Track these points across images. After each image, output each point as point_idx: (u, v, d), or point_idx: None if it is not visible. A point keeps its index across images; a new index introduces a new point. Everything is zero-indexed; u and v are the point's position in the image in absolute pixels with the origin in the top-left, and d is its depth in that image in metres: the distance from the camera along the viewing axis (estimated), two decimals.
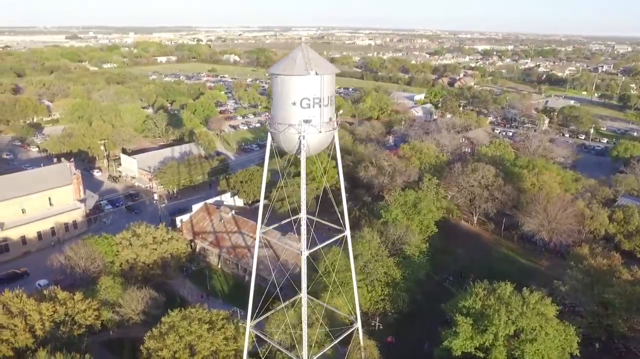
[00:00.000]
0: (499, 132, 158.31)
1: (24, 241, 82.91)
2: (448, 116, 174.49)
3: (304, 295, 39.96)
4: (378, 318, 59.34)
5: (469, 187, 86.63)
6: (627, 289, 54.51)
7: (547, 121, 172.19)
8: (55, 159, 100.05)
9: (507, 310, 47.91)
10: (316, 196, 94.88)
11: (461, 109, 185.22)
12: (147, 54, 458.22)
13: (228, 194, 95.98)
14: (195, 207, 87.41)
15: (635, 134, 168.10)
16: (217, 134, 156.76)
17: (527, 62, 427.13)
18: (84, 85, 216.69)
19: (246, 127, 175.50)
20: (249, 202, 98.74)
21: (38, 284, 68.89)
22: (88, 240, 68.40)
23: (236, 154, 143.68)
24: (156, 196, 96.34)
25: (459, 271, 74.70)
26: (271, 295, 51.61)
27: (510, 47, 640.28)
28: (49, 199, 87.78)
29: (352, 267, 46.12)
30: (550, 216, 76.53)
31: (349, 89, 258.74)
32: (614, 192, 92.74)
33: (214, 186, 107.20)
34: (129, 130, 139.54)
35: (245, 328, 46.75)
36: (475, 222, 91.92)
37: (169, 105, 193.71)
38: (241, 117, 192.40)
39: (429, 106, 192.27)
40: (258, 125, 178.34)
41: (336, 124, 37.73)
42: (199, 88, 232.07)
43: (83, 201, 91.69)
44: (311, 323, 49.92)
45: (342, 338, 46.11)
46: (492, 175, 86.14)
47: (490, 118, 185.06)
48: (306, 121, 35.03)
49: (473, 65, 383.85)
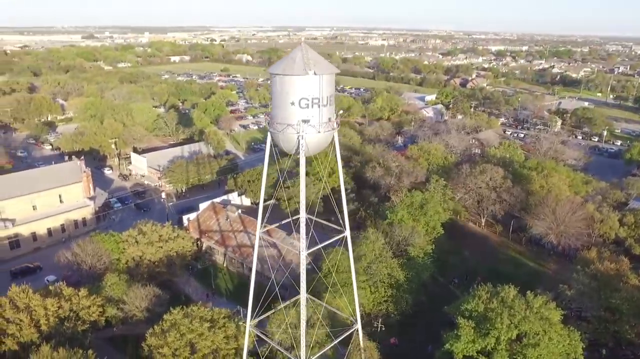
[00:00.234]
0: (510, 134, 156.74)
1: (34, 237, 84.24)
2: (459, 116, 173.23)
3: (302, 295, 39.94)
4: (380, 319, 59.07)
5: (476, 188, 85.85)
6: (634, 295, 53.64)
7: (559, 122, 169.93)
8: (67, 157, 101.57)
9: (509, 314, 47.38)
10: (322, 196, 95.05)
11: (472, 110, 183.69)
12: (160, 53, 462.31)
13: (235, 194, 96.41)
14: (202, 206, 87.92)
15: None
16: (227, 133, 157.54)
17: (541, 63, 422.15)
18: (97, 84, 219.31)
19: (256, 127, 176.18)
20: (256, 201, 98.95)
21: (46, 279, 69.93)
22: (95, 237, 69.20)
23: (245, 154, 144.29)
24: (164, 195, 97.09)
25: (464, 273, 74.07)
26: (275, 295, 51.69)
27: (524, 47, 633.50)
28: (60, 196, 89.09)
29: (352, 268, 45.99)
30: (558, 219, 75.50)
31: (360, 89, 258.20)
32: (625, 195, 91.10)
33: (223, 185, 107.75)
34: (139, 129, 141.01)
35: (246, 327, 46.94)
36: (483, 224, 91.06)
37: (180, 104, 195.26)
38: (251, 117, 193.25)
39: (439, 106, 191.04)
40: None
41: (336, 125, 37.64)
42: (210, 87, 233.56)
43: (92, 198, 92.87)
44: (312, 323, 50.00)
45: (341, 338, 45.98)
46: (500, 177, 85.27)
47: (501, 119, 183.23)
48: (305, 121, 35.00)
49: (486, 66, 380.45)
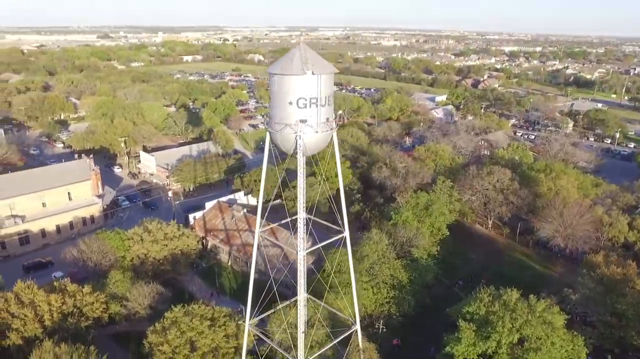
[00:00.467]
0: (521, 135, 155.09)
1: (43, 233, 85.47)
2: (469, 117, 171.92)
3: (300, 295, 39.93)
4: (382, 321, 58.82)
5: (483, 190, 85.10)
6: None
7: (571, 124, 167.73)
8: (76, 155, 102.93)
9: (511, 317, 46.84)
10: (329, 197, 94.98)
11: (482, 111, 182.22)
12: (173, 53, 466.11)
13: (242, 193, 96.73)
14: (209, 204, 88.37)
15: None
16: (236, 132, 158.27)
17: (555, 64, 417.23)
18: (110, 83, 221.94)
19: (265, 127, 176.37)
20: (263, 201, 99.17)
21: (54, 275, 70.82)
22: (101, 234, 69.97)
23: (254, 153, 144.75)
24: (170, 193, 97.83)
25: (469, 275, 73.50)
26: (278, 294, 51.70)
27: (538, 48, 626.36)
28: (69, 193, 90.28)
29: (352, 268, 45.86)
30: (566, 222, 74.51)
31: (371, 90, 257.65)
32: (636, 198, 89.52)
33: (230, 184, 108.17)
34: (149, 127, 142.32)
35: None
36: (490, 226, 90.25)
37: (191, 103, 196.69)
38: (261, 117, 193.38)
39: (450, 107, 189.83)
40: None
41: (334, 125, 37.58)
42: (221, 87, 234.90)
43: (101, 196, 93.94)
44: (312, 324, 49.97)
45: (339, 339, 45.89)
46: (507, 178, 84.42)
47: (512, 121, 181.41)
48: (302, 121, 34.99)
49: (498, 66, 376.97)
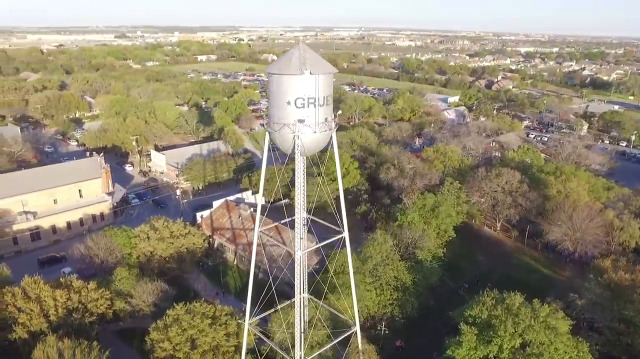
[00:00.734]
0: (534, 137, 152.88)
1: (54, 229, 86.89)
2: (482, 119, 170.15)
3: (297, 295, 39.93)
4: (384, 322, 58.54)
5: (491, 192, 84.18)
6: None
7: (585, 126, 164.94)
8: (88, 153, 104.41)
9: (514, 322, 46.27)
10: (336, 197, 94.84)
11: (495, 112, 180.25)
12: (188, 52, 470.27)
13: (249, 192, 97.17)
14: (216, 203, 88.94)
15: None
16: (247, 132, 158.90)
17: (571, 65, 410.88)
18: (124, 82, 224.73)
19: None
20: (270, 200, 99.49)
21: (62, 271, 71.97)
22: (108, 232, 70.85)
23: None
24: (178, 192, 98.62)
25: (475, 278, 72.76)
26: (281, 293, 51.84)
27: (555, 49, 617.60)
28: (79, 191, 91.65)
29: (351, 269, 45.75)
30: (575, 225, 73.30)
31: (384, 90, 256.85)
32: None
33: (240, 183, 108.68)
34: (161, 126, 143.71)
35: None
36: (498, 228, 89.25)
37: (203, 103, 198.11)
38: None
39: (462, 108, 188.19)
40: None
41: (334, 125, 37.53)
42: (234, 87, 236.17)
43: (111, 194, 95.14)
44: (314, 324, 49.97)
45: (338, 340, 45.79)
46: (516, 181, 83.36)
47: (526, 122, 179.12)
48: (300, 121, 35.02)
49: (513, 67, 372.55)
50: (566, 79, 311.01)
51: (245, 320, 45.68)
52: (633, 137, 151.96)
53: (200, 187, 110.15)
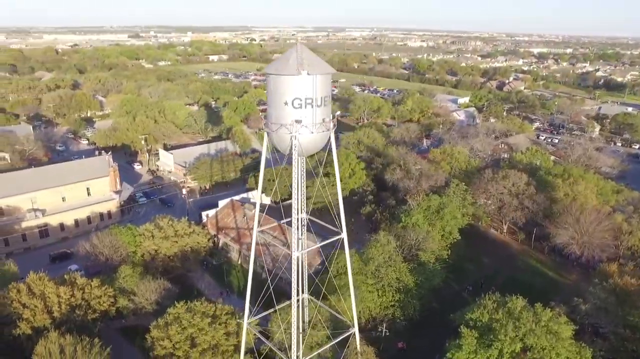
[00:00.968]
0: (544, 139, 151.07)
1: (62, 227, 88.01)
2: (492, 120, 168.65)
3: (294, 296, 39.91)
4: (385, 324, 58.28)
5: (497, 194, 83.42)
6: None
7: (597, 128, 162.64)
8: (97, 152, 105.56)
9: (515, 326, 45.70)
10: (342, 197, 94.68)
11: (505, 113, 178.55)
12: (200, 52, 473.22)
13: (255, 192, 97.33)
14: (222, 203, 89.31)
15: None
16: (255, 132, 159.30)
17: (585, 66, 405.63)
18: (136, 82, 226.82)
19: None
20: (275, 200, 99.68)
21: (69, 268, 72.85)
22: (113, 230, 71.52)
23: (272, 152, 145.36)
24: (184, 191, 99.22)
25: (479, 280, 72.17)
26: (283, 293, 51.82)
27: (569, 50, 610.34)
28: (87, 189, 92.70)
29: (349, 270, 45.62)
30: (582, 229, 72.34)
31: (394, 91, 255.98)
32: None
33: (247, 183, 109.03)
34: (170, 126, 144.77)
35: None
36: (505, 231, 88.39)
37: (213, 102, 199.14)
38: None
39: (472, 109, 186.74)
40: None
41: (332, 125, 37.48)
42: (244, 86, 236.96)
43: (118, 192, 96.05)
44: (314, 325, 49.98)
45: (335, 341, 45.70)
46: (523, 183, 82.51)
47: (536, 124, 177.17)
48: (297, 121, 35.02)
49: (525, 68, 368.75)
50: (579, 80, 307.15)
51: (244, 320, 45.77)
52: None
53: (207, 187, 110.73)
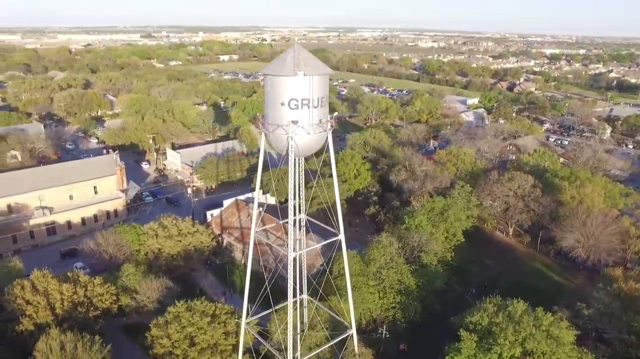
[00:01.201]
0: (554, 141, 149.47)
1: (69, 225, 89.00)
2: (501, 121, 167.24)
3: (289, 297, 39.91)
4: (385, 326, 58.04)
5: (503, 196, 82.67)
6: None
7: (609, 130, 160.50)
8: (105, 151, 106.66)
9: (515, 330, 45.30)
10: (347, 198, 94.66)
11: (514, 114, 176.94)
12: (210, 52, 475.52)
13: (260, 191, 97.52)
14: (226, 202, 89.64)
15: None
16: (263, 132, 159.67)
17: (598, 67, 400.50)
18: (146, 81, 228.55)
19: None
20: (280, 200, 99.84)
21: (75, 266, 73.64)
22: (118, 228, 72.15)
23: (279, 153, 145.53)
24: (189, 190, 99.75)
25: (483, 283, 71.54)
26: (284, 293, 51.72)
27: (582, 51, 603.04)
28: (94, 187, 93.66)
29: (347, 272, 45.49)
30: (588, 232, 71.42)
31: (403, 91, 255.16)
32: None
33: (253, 183, 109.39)
34: (178, 125, 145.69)
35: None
36: (510, 233, 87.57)
37: (222, 102, 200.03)
38: None
39: (481, 110, 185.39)
40: None
41: (329, 126, 37.42)
42: (253, 86, 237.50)
43: (125, 191, 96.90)
44: (313, 326, 49.95)
45: (333, 343, 45.61)
46: (529, 185, 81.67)
47: (546, 125, 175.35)
48: (294, 122, 35.02)
49: (537, 69, 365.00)
50: (591, 82, 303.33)
51: (242, 319, 45.89)
52: None
53: (213, 186, 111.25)
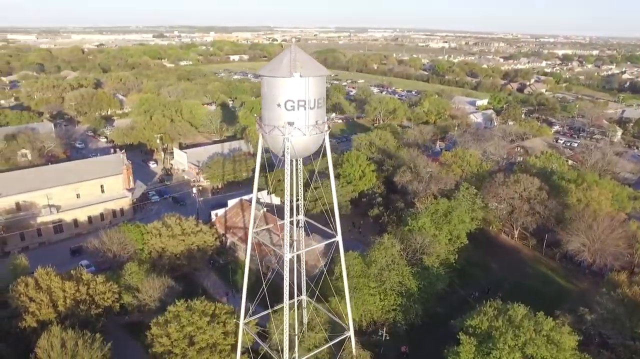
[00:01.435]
0: (563, 143, 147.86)
1: (75, 223, 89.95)
2: (510, 123, 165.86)
3: (285, 299, 39.95)
4: (386, 328, 57.85)
5: (508, 199, 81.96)
6: None
7: (620, 132, 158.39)
8: (112, 150, 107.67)
9: (514, 334, 44.86)
10: (351, 199, 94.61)
11: (523, 116, 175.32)
12: (221, 52, 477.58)
13: (265, 192, 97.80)
14: (231, 202, 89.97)
15: None
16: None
17: (611, 68, 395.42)
18: (156, 81, 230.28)
19: None
20: (284, 200, 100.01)
21: (80, 264, 74.46)
22: (122, 227, 72.80)
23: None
24: (194, 190, 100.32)
25: (486, 286, 71.03)
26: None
27: (595, 52, 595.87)
28: (101, 186, 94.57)
29: (344, 274, 45.47)
30: (595, 236, 70.54)
31: (412, 92, 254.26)
32: None
33: None
34: (186, 125, 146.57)
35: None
36: (515, 236, 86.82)
37: (230, 102, 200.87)
38: None
39: (490, 112, 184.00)
40: None
41: (326, 128, 37.40)
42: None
43: (131, 190, 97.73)
44: (312, 327, 49.99)
45: (330, 344, 45.57)
46: (535, 187, 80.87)
47: (556, 127, 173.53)
48: (290, 123, 35.07)
49: (548, 70, 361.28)
50: (604, 83, 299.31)
51: (240, 320, 46.05)
52: None
53: (219, 186, 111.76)
